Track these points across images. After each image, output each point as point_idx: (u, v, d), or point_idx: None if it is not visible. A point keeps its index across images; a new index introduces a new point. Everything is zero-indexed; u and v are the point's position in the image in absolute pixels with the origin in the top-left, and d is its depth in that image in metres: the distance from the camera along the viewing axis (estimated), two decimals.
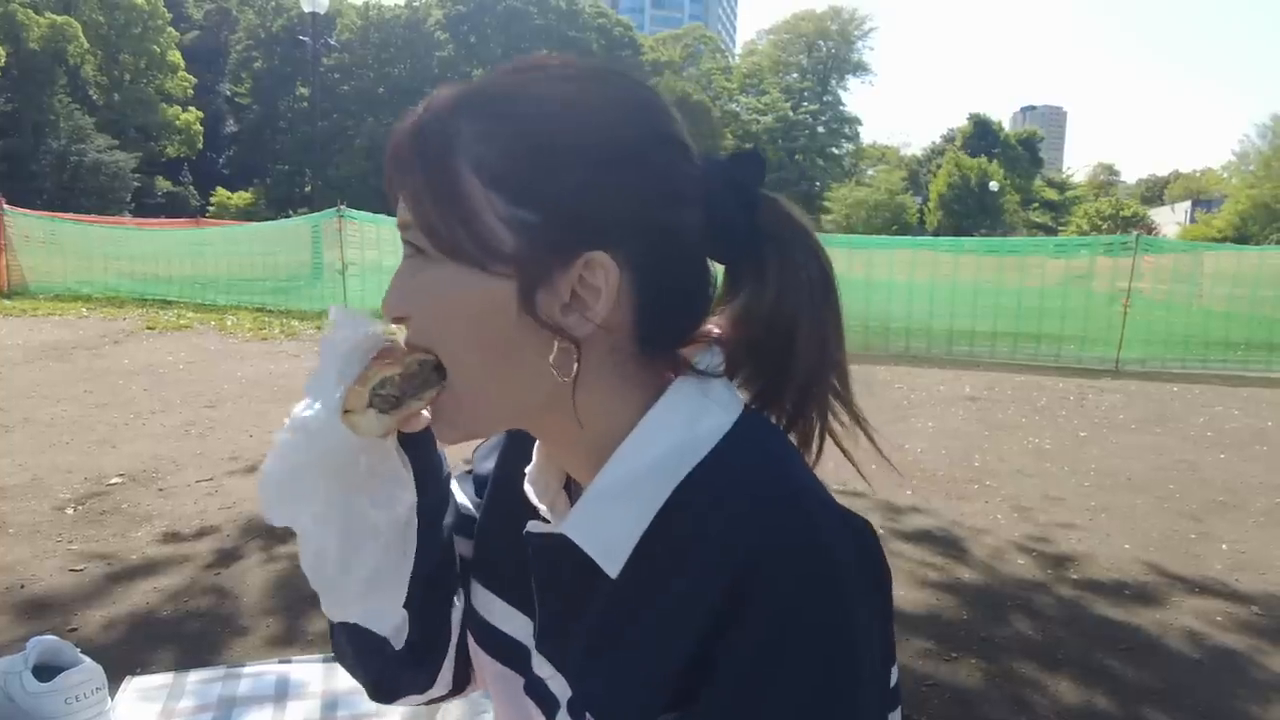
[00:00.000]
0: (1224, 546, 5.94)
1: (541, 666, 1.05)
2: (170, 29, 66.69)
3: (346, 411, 0.95)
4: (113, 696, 1.92)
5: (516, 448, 1.18)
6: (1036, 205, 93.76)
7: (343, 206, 17.53)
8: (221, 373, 10.71)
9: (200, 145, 68.83)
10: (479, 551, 1.22)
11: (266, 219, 41.45)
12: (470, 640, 1.21)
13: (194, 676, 2.07)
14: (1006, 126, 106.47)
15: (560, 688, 1.02)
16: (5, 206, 18.51)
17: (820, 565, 0.84)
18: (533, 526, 1.04)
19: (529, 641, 1.09)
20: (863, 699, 0.85)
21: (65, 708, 1.75)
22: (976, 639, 4.38)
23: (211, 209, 62.33)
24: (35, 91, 56.81)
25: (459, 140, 0.88)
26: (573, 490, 1.09)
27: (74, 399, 8.95)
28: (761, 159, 0.99)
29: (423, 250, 0.90)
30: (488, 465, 1.26)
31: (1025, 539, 5.89)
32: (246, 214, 59.65)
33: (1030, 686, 3.96)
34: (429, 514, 1.11)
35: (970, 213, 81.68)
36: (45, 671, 1.79)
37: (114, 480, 6.39)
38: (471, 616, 1.19)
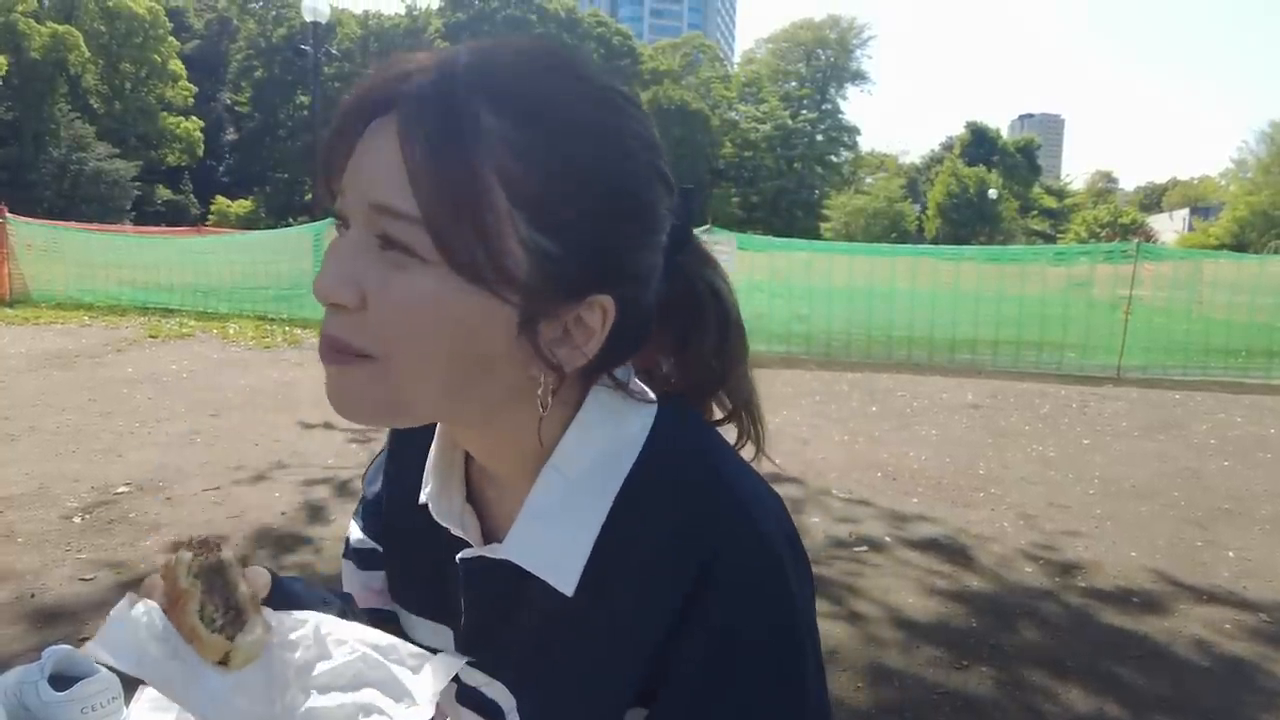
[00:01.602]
0: (1230, 554, 5.94)
1: (472, 675, 1.07)
2: (171, 38, 67.09)
3: (220, 663, 0.92)
4: (127, 705, 1.85)
5: (401, 466, 1.18)
6: (1035, 213, 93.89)
7: None
8: (225, 381, 10.69)
9: (200, 154, 69.13)
10: (391, 579, 1.23)
11: (266, 227, 41.52)
12: None
13: None
14: (1004, 134, 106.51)
15: (500, 694, 1.04)
16: (7, 215, 18.46)
17: (766, 564, 0.89)
18: (466, 553, 1.02)
19: (454, 654, 1.09)
20: (811, 681, 0.91)
21: (81, 717, 1.75)
22: (986, 647, 4.38)
23: (212, 217, 62.67)
24: (36, 100, 57.14)
25: (486, 137, 0.78)
26: (477, 502, 1.08)
27: (78, 408, 8.92)
28: (699, 197, 0.99)
29: (412, 251, 0.80)
30: (375, 488, 1.25)
31: (1032, 547, 5.89)
32: (246, 222, 59.89)
33: (1040, 694, 3.96)
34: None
35: (969, 220, 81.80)
36: (61, 681, 1.78)
37: (121, 489, 6.37)
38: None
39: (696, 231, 0.99)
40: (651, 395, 0.99)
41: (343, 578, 1.30)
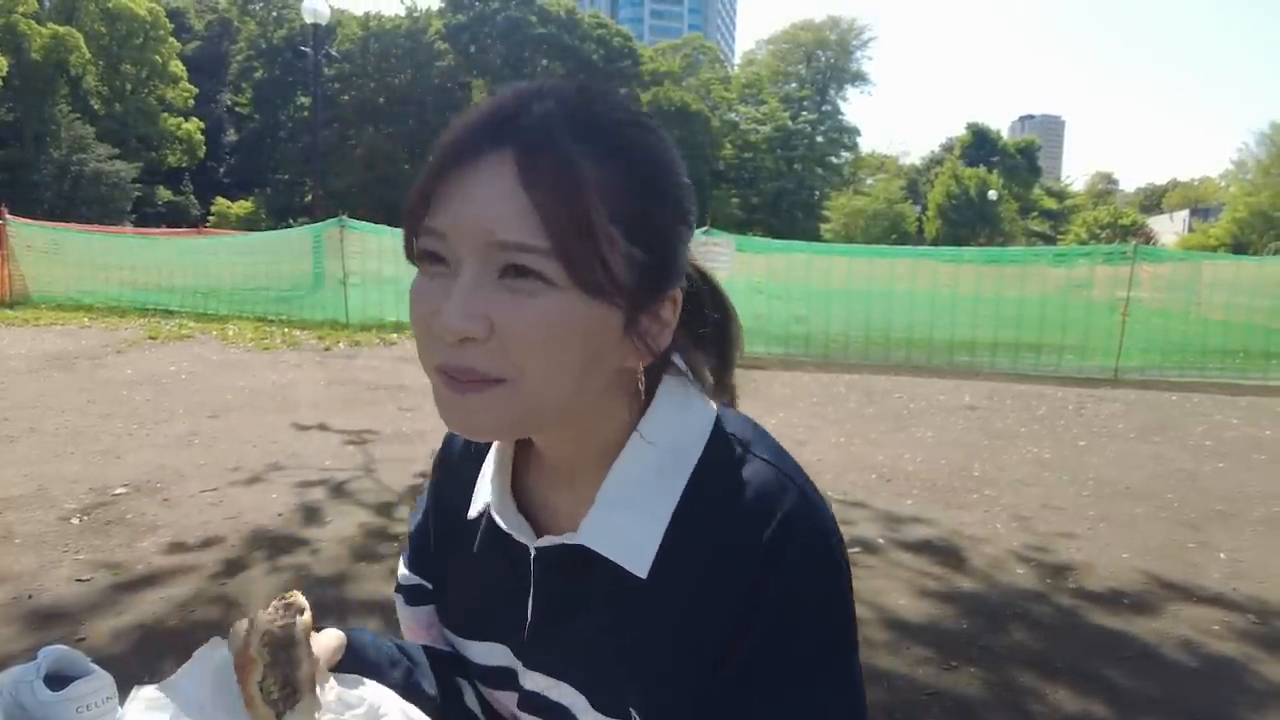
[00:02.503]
0: (1222, 555, 5.96)
1: (533, 680, 1.16)
2: (172, 39, 67.11)
3: None
4: (122, 705, 1.93)
5: (444, 498, 1.32)
6: (1035, 214, 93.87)
7: (344, 217, 17.61)
8: (224, 383, 10.73)
9: (201, 155, 69.09)
10: (443, 610, 1.33)
11: (267, 229, 41.42)
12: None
13: None
14: (1005, 135, 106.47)
15: (566, 695, 1.11)
16: (7, 216, 18.51)
17: (824, 543, 1.02)
18: (542, 542, 1.12)
19: (513, 664, 1.19)
20: (860, 688, 1.04)
21: (76, 716, 1.66)
22: (976, 648, 4.40)
23: (212, 218, 62.48)
24: (37, 101, 57.13)
25: (589, 174, 0.92)
26: (525, 509, 1.19)
27: (78, 409, 8.97)
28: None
29: (545, 278, 0.91)
30: (419, 526, 1.38)
31: (1024, 548, 5.91)
32: (247, 223, 59.72)
33: (1030, 695, 3.98)
34: (408, 685, 1.23)
35: (969, 221, 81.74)
36: (56, 680, 1.76)
37: (119, 490, 6.40)
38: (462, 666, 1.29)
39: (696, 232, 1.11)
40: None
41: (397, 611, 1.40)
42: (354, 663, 1.19)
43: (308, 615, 1.09)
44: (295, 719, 1.01)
